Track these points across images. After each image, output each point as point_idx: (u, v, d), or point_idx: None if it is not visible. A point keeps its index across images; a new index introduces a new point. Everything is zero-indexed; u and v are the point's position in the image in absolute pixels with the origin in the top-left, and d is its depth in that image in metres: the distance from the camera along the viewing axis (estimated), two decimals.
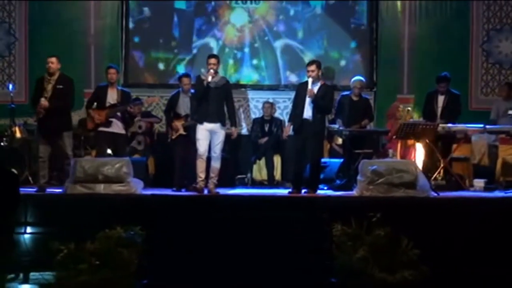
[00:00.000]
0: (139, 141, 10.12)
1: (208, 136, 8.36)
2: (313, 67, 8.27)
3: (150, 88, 10.81)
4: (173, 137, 9.10)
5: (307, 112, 8.21)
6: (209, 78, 8.30)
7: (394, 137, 9.06)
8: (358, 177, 7.81)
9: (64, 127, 8.35)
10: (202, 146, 8.34)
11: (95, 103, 8.80)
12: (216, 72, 8.37)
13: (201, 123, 8.36)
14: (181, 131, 9.00)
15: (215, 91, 8.35)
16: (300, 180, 8.26)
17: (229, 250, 6.68)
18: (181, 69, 10.86)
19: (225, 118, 8.52)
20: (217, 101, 8.34)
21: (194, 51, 10.90)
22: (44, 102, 8.20)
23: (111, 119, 8.65)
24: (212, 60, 8.40)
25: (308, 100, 8.20)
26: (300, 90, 8.38)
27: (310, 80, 8.21)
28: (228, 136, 8.60)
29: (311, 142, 8.18)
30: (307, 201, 7.65)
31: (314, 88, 8.22)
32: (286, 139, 8.99)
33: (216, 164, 8.40)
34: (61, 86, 8.28)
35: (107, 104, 8.71)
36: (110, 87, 8.79)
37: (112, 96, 8.74)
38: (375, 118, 10.05)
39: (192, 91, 8.84)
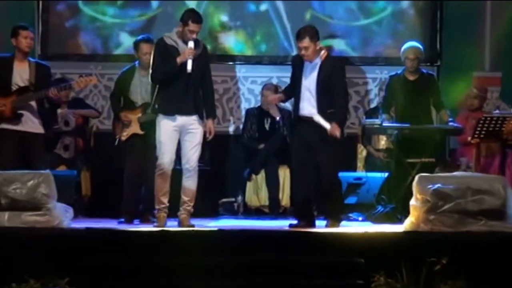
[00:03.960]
0: (65, 145, 10.17)
1: (177, 137, 8.37)
2: (305, 42, 8.22)
3: (83, 61, 10.94)
4: (123, 138, 9.16)
5: (306, 107, 8.30)
6: (189, 66, 8.15)
7: (469, 138, 9.07)
8: (412, 202, 7.83)
9: None
10: (167, 153, 8.34)
11: None
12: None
13: (170, 115, 8.33)
14: (136, 130, 9.04)
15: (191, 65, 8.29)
16: (306, 207, 8.42)
17: None
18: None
19: (203, 106, 8.46)
20: (193, 79, 8.29)
21: (155, 4, 10.97)
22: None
23: (20, 112, 8.66)
24: (196, 27, 8.21)
25: (305, 88, 8.28)
26: (295, 66, 8.49)
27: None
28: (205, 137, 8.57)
29: (319, 150, 8.29)
30: (329, 239, 7.64)
31: (312, 71, 8.27)
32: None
33: (190, 183, 8.41)
34: None
35: (14, 87, 8.71)
36: (19, 60, 8.81)
37: (21, 74, 8.76)
38: None
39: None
